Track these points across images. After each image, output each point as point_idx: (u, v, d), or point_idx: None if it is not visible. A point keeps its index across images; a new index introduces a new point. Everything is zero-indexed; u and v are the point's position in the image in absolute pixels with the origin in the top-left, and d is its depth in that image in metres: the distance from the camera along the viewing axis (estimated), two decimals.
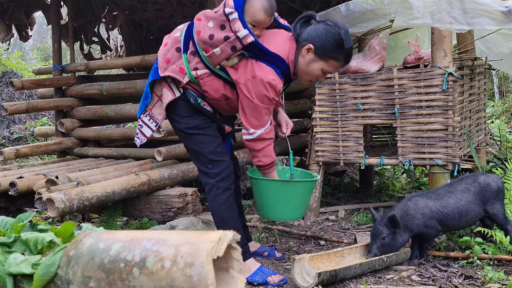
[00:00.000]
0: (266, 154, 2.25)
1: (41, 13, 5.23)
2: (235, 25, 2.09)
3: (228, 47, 2.10)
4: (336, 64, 2.18)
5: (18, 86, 4.09)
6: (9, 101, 7.80)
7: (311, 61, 2.16)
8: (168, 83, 2.27)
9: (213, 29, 2.12)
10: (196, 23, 2.18)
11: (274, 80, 2.11)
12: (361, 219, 3.40)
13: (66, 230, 1.28)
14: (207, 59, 2.18)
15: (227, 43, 2.09)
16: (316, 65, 2.17)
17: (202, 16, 2.18)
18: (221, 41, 2.10)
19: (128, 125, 7.43)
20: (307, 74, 2.22)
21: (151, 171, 3.27)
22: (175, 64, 2.22)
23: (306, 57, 2.16)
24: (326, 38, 2.11)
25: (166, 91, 2.26)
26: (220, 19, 2.13)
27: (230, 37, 2.09)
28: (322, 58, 2.14)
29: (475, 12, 2.71)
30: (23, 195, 3.14)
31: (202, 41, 2.15)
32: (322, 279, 2.16)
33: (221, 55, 2.13)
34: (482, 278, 2.26)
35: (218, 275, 1.06)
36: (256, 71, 2.11)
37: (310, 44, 2.13)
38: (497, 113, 7.41)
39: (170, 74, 2.22)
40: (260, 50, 2.12)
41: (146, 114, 2.35)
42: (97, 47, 5.91)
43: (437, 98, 2.95)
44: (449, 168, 2.96)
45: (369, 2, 3.02)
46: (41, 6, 5.02)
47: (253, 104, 2.15)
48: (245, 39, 2.07)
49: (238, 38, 2.08)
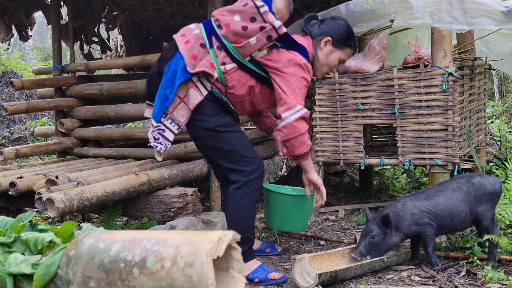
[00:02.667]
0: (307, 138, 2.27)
1: (41, 13, 5.22)
2: (268, 16, 2.19)
3: (264, 36, 2.19)
4: (350, 51, 2.43)
5: (18, 86, 4.09)
6: (9, 101, 7.80)
7: (329, 52, 2.37)
8: (195, 82, 2.24)
9: (243, 22, 2.20)
10: (220, 18, 2.23)
11: (307, 64, 2.26)
12: (361, 219, 3.40)
13: (66, 230, 1.28)
14: (236, 51, 2.22)
15: (262, 33, 2.18)
16: (334, 55, 2.39)
17: (224, 12, 2.24)
18: (256, 31, 2.18)
19: (128, 125, 7.43)
20: (325, 66, 2.41)
21: (151, 171, 3.27)
22: (204, 59, 2.22)
23: (324, 49, 2.37)
24: (340, 29, 2.36)
25: (194, 92, 2.23)
26: (250, 12, 2.20)
27: (265, 27, 2.18)
28: (339, 47, 2.38)
29: (475, 12, 2.71)
30: (23, 195, 3.14)
31: (233, 33, 2.19)
32: (323, 280, 2.16)
33: (256, 45, 2.20)
34: (482, 278, 2.26)
35: (218, 275, 1.06)
36: (293, 56, 2.24)
37: (328, 37, 2.35)
38: (497, 113, 7.40)
39: (203, 69, 2.20)
40: (291, 40, 2.26)
41: (167, 118, 2.28)
42: (97, 47, 5.91)
43: (437, 98, 2.95)
44: (449, 168, 2.96)
45: (369, 2, 3.02)
46: (41, 6, 5.02)
47: (295, 85, 2.22)
48: (280, 29, 2.20)
49: (274, 28, 2.18)
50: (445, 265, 2.43)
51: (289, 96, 2.20)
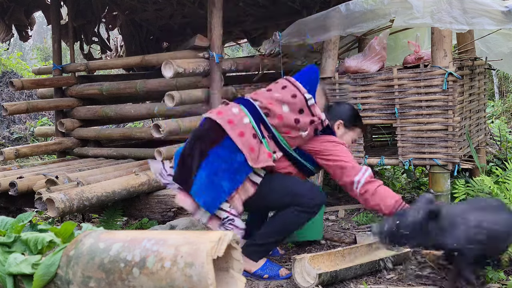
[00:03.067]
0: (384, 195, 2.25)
1: (41, 13, 5.21)
2: (315, 110, 2.31)
3: (312, 130, 2.32)
4: (360, 130, 2.60)
5: (18, 86, 4.09)
6: (9, 101, 7.79)
7: (343, 134, 2.51)
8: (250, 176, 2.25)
9: (293, 114, 2.29)
10: (269, 107, 2.29)
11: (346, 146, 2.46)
12: (361, 219, 3.40)
13: (66, 230, 1.28)
14: (285, 141, 2.33)
15: (311, 126, 2.31)
16: (347, 136, 2.53)
17: (271, 100, 2.31)
18: (307, 124, 2.29)
19: (128, 125, 7.42)
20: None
21: (151, 171, 3.27)
22: (261, 152, 2.26)
23: (338, 131, 2.49)
24: (349, 113, 2.54)
25: (248, 185, 2.26)
26: (299, 104, 2.29)
27: (314, 121, 2.30)
28: (350, 128, 2.53)
29: (475, 12, 2.71)
30: (23, 195, 3.14)
31: (285, 126, 2.29)
32: (323, 280, 2.16)
33: (306, 138, 2.33)
34: (482, 278, 2.26)
35: (218, 275, 1.06)
36: (333, 138, 2.41)
37: (340, 120, 2.49)
38: (497, 113, 7.40)
39: (266, 164, 2.24)
40: (328, 127, 2.40)
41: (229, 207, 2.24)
42: (97, 47, 5.90)
43: (437, 98, 2.95)
44: (449, 168, 2.96)
45: (369, 2, 3.02)
46: (41, 6, 5.02)
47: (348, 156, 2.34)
48: (325, 122, 2.35)
49: (321, 122, 2.33)
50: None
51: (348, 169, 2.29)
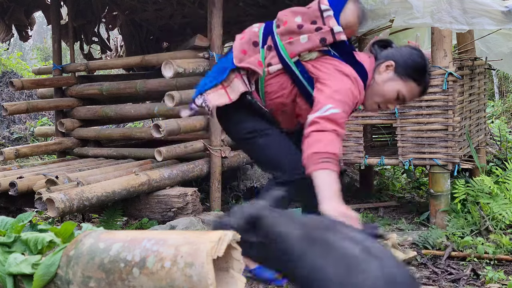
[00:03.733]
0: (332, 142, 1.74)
1: (41, 13, 5.21)
2: (330, 21, 1.99)
3: (317, 37, 1.98)
4: (416, 88, 1.96)
5: (18, 86, 4.09)
6: (9, 101, 7.79)
7: (388, 79, 1.96)
8: (241, 75, 2.08)
9: (302, 22, 2.02)
10: (280, 17, 2.08)
11: (360, 80, 1.95)
12: (361, 219, 3.40)
13: (66, 230, 1.28)
14: (284, 48, 2.03)
15: (317, 33, 1.98)
16: (393, 85, 1.96)
17: (287, 12, 2.09)
18: (311, 30, 1.99)
19: (128, 125, 7.42)
20: (378, 95, 2.00)
21: (151, 171, 3.27)
22: (253, 56, 2.07)
23: (383, 74, 1.97)
24: (411, 58, 1.96)
25: (238, 81, 2.06)
26: (312, 15, 2.03)
27: (322, 28, 1.98)
28: (402, 77, 1.95)
29: (475, 12, 2.71)
30: (23, 195, 3.14)
31: (287, 31, 2.03)
32: None
33: (306, 44, 1.99)
34: (482, 278, 2.26)
35: (218, 275, 1.06)
36: (343, 67, 1.95)
37: (391, 61, 1.96)
38: (497, 113, 7.40)
39: (249, 65, 2.04)
40: (349, 53, 1.99)
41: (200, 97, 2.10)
42: (97, 47, 5.90)
43: (437, 98, 2.95)
44: (449, 168, 2.96)
45: (369, 2, 3.02)
46: (41, 6, 5.01)
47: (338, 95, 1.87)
48: (339, 35, 1.97)
49: (332, 31, 1.97)
50: None
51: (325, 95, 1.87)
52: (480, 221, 2.87)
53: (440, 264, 2.48)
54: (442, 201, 3.01)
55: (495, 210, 2.86)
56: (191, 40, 3.59)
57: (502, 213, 2.83)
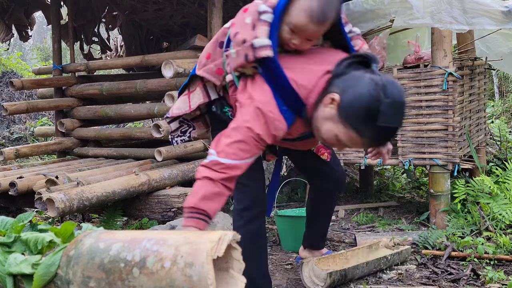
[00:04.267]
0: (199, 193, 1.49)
1: (41, 13, 5.21)
2: (258, 29, 1.58)
3: (242, 53, 1.58)
4: (357, 139, 1.51)
5: (18, 86, 4.09)
6: (9, 101, 7.79)
7: (328, 118, 1.53)
8: (203, 83, 1.85)
9: (246, 27, 1.62)
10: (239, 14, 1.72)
11: (271, 113, 1.53)
12: (361, 219, 3.40)
13: (66, 230, 1.28)
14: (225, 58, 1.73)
15: (242, 48, 1.58)
16: (331, 126, 1.53)
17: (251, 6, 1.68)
18: (239, 43, 1.60)
19: (128, 125, 7.42)
20: (318, 131, 1.59)
21: (151, 171, 3.27)
22: (215, 62, 1.78)
23: (326, 108, 1.53)
24: (360, 98, 1.46)
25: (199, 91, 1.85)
26: (254, 17, 1.62)
27: (247, 41, 1.57)
28: (343, 121, 1.50)
29: (475, 12, 2.71)
30: (23, 195, 3.14)
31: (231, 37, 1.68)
32: (333, 280, 2.15)
33: (236, 60, 1.61)
34: (482, 278, 2.26)
35: (218, 275, 1.06)
36: (255, 93, 1.57)
37: (336, 95, 1.50)
38: (497, 113, 7.40)
39: (204, 75, 1.79)
40: (273, 73, 1.56)
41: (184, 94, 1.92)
42: (97, 47, 5.91)
43: (437, 98, 2.95)
44: (449, 168, 2.96)
45: (369, 2, 3.02)
46: (41, 6, 5.02)
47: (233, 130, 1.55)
48: (259, 51, 1.54)
49: (252, 47, 1.56)
50: None
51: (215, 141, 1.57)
52: (480, 221, 2.87)
53: (440, 264, 2.48)
54: (442, 201, 3.01)
55: (495, 210, 2.86)
56: (191, 40, 3.60)
57: (502, 213, 2.83)
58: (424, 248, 2.69)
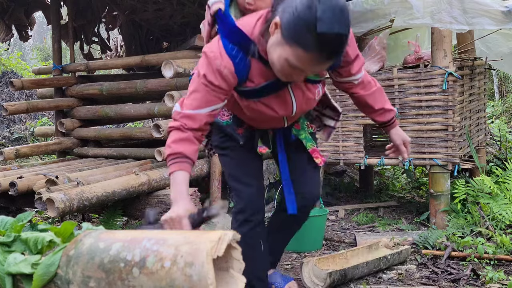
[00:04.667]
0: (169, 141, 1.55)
1: (41, 13, 5.21)
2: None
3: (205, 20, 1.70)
4: (305, 56, 1.36)
5: (18, 86, 4.08)
6: (9, 101, 7.79)
7: (276, 44, 1.43)
8: None
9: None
10: None
11: (213, 53, 1.53)
12: (361, 219, 3.40)
13: (66, 230, 1.28)
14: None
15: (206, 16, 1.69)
16: (280, 51, 1.42)
17: None
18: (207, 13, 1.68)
19: (128, 125, 7.42)
20: (273, 64, 1.48)
21: (151, 171, 3.27)
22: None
23: (273, 37, 1.45)
24: (294, 12, 1.35)
25: None
26: None
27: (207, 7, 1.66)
28: (288, 41, 1.38)
29: (475, 12, 2.71)
30: (23, 195, 3.14)
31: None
32: (333, 280, 2.15)
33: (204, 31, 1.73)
34: (482, 278, 2.26)
35: (218, 274, 1.06)
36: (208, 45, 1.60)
37: (277, 17, 1.41)
38: (497, 113, 7.41)
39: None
40: (224, 23, 1.57)
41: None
42: (97, 47, 5.91)
43: (437, 98, 2.95)
44: (449, 168, 2.96)
45: (369, 2, 3.02)
46: (41, 6, 5.02)
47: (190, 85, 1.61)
48: (213, 7, 1.61)
49: (208, 7, 1.64)
50: None
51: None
52: (480, 221, 2.87)
53: (440, 264, 2.48)
54: (442, 201, 3.01)
55: (495, 210, 2.86)
56: (191, 40, 3.59)
57: (502, 213, 2.83)
58: (424, 248, 2.69)
